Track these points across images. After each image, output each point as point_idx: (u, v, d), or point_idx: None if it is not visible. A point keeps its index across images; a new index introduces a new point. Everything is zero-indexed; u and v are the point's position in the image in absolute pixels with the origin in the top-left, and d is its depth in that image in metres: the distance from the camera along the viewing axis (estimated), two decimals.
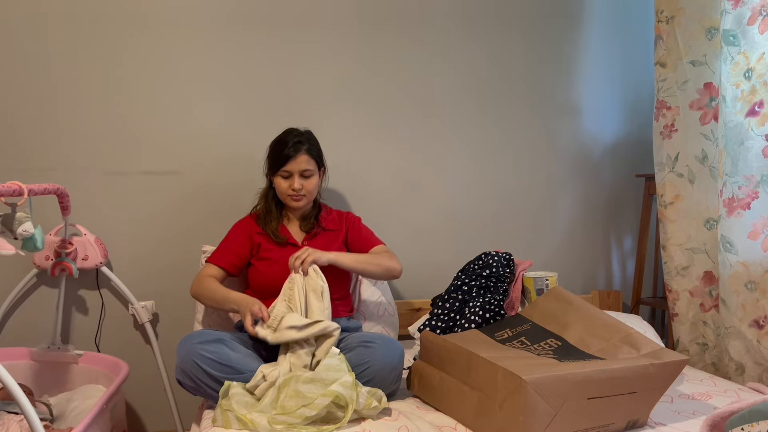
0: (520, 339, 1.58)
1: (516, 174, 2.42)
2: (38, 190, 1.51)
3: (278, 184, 1.82)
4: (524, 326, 1.64)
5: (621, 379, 1.32)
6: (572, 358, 1.40)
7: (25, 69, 1.97)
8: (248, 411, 1.37)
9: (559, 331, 1.58)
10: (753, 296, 1.85)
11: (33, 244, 1.45)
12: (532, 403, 1.23)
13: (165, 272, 2.11)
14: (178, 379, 1.50)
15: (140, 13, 2.03)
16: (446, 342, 1.52)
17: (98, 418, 1.57)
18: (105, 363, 1.96)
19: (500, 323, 1.71)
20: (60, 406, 1.85)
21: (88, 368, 1.98)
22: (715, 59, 2.00)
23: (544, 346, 1.52)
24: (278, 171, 1.80)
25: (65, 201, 1.81)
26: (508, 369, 1.26)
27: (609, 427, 1.37)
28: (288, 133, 1.85)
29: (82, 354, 1.99)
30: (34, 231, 1.44)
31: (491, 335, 1.63)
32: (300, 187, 1.79)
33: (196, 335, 1.52)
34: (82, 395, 1.88)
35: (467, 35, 2.32)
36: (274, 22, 2.13)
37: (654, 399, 1.42)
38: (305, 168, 1.80)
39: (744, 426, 1.04)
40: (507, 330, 1.65)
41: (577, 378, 1.26)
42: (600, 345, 1.48)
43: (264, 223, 1.86)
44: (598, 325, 1.55)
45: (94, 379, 1.96)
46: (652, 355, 1.41)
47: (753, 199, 1.83)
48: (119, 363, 1.91)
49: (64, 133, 2.01)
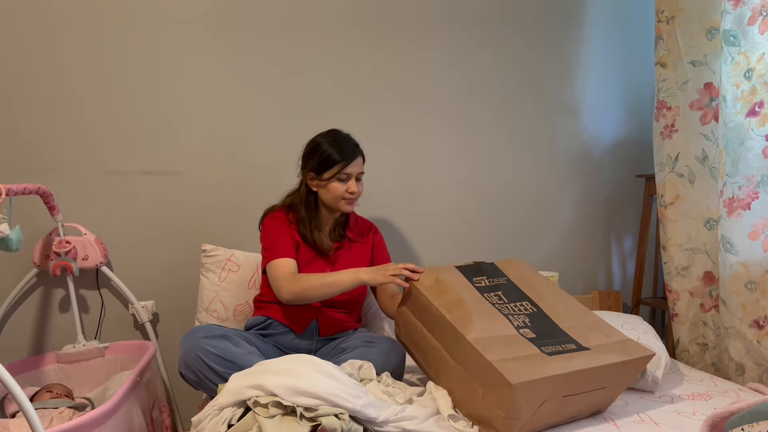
0: (497, 293, 1.58)
1: (516, 174, 2.42)
2: (18, 190, 1.49)
3: (334, 188, 1.73)
4: (500, 279, 1.64)
5: (595, 377, 1.36)
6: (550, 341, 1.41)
7: (25, 69, 1.97)
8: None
9: (534, 297, 1.59)
10: (753, 296, 1.84)
11: (6, 244, 1.42)
12: (516, 404, 1.26)
13: (165, 272, 2.11)
14: (181, 372, 1.50)
15: (141, 12, 2.02)
16: (430, 304, 1.48)
17: (134, 391, 1.63)
18: (131, 349, 1.99)
19: (477, 267, 1.68)
20: (98, 399, 1.86)
21: (116, 358, 2.00)
22: (715, 59, 2.00)
23: (520, 308, 1.54)
24: (337, 173, 1.71)
25: (50, 200, 1.82)
26: (497, 368, 1.26)
27: (575, 417, 1.44)
28: (337, 134, 1.78)
29: (107, 346, 2.00)
30: (9, 232, 1.42)
31: (470, 279, 1.61)
32: (357, 191, 1.75)
33: (200, 329, 1.52)
34: (116, 383, 1.88)
35: (467, 35, 2.32)
36: (274, 23, 2.13)
37: (620, 391, 1.48)
38: (361, 170, 1.77)
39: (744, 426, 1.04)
40: (484, 278, 1.63)
41: (558, 380, 1.28)
42: (571, 322, 1.51)
43: (308, 229, 1.77)
44: (570, 303, 1.59)
45: (125, 366, 1.97)
46: (622, 347, 1.43)
47: (753, 199, 1.83)
48: (144, 344, 1.98)
49: (64, 133, 2.01)
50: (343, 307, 1.80)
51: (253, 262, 2.00)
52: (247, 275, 1.98)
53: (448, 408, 1.38)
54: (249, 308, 1.96)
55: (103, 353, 2.00)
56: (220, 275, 1.98)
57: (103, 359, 1.99)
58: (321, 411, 1.22)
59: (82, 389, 1.94)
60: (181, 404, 2.11)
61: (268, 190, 2.00)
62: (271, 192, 1.93)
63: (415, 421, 1.31)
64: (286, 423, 1.21)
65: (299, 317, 1.74)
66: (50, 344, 2.04)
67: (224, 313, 1.95)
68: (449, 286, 1.54)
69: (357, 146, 1.77)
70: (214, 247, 2.01)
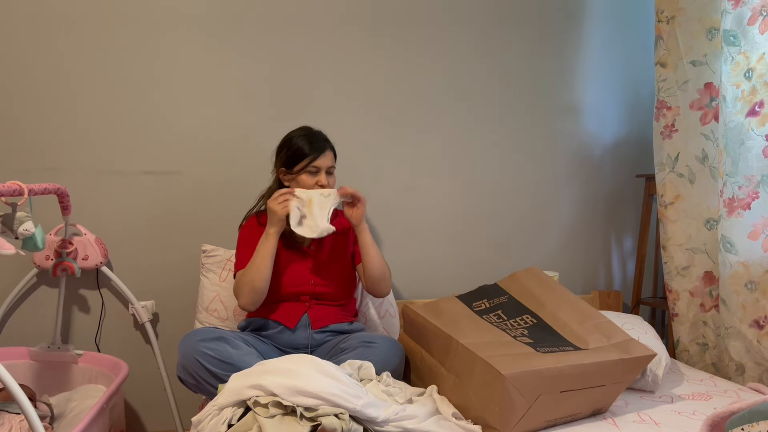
0: (496, 312, 1.59)
1: (516, 174, 2.42)
2: (38, 189, 1.51)
3: (303, 181, 1.74)
4: (502, 299, 1.66)
5: (592, 374, 1.36)
6: (547, 344, 1.42)
7: (26, 69, 1.97)
8: None
9: (535, 308, 1.60)
10: (753, 296, 1.84)
11: (33, 243, 1.45)
12: (509, 396, 1.26)
13: (165, 272, 2.11)
14: (179, 376, 1.50)
15: (142, 13, 2.03)
16: (425, 321, 1.53)
17: (97, 418, 1.57)
18: (105, 363, 1.96)
19: (479, 291, 1.71)
20: (60, 405, 1.85)
21: (88, 368, 1.98)
22: (715, 59, 2.00)
23: (520, 323, 1.55)
24: (306, 167, 1.73)
25: (65, 201, 1.81)
26: (488, 361, 1.27)
27: (576, 416, 1.43)
28: (307, 129, 1.81)
29: (82, 354, 1.99)
30: (34, 231, 1.44)
31: (469, 305, 1.63)
32: (327, 183, 1.76)
33: (198, 332, 1.52)
34: (81, 395, 1.88)
35: (467, 35, 2.32)
36: (275, 23, 2.13)
37: (620, 390, 1.48)
38: (331, 165, 1.79)
39: (744, 426, 1.04)
40: (485, 301, 1.65)
41: (552, 373, 1.29)
42: (573, 327, 1.52)
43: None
44: (573, 309, 1.59)
45: (94, 379, 1.96)
46: (621, 347, 1.44)
47: (753, 199, 1.83)
48: (119, 363, 1.91)
49: (64, 133, 2.01)
50: (330, 299, 1.79)
51: None
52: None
53: (450, 408, 1.39)
54: None
55: (77, 360, 1.98)
56: (220, 275, 1.98)
57: (75, 365, 1.98)
58: (321, 411, 1.22)
59: (47, 390, 1.93)
60: (181, 404, 2.11)
61: None
62: None
63: (415, 421, 1.31)
64: (286, 423, 1.21)
65: (290, 313, 1.75)
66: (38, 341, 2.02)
67: (224, 313, 1.95)
68: (446, 312, 1.58)
69: (327, 141, 1.80)
70: (215, 247, 2.01)
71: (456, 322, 1.51)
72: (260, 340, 1.70)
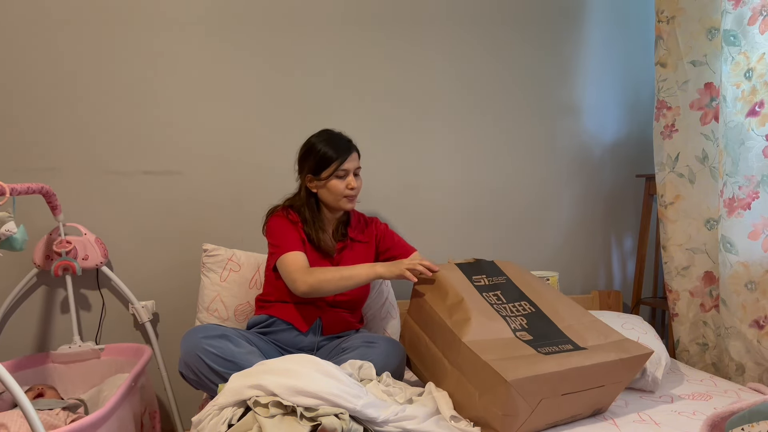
0: (495, 292, 1.59)
1: (516, 174, 2.42)
2: (21, 189, 1.48)
3: (334, 186, 1.72)
4: (500, 278, 1.66)
5: (593, 375, 1.36)
6: (547, 341, 1.42)
7: (26, 68, 1.97)
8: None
9: (532, 296, 1.60)
10: (753, 296, 1.85)
11: (11, 244, 1.42)
12: (513, 401, 1.26)
13: (165, 272, 2.11)
14: (181, 372, 1.50)
15: (141, 12, 2.03)
16: (435, 314, 1.52)
17: (128, 396, 1.62)
18: (127, 351, 1.99)
19: (477, 265, 1.70)
20: (92, 399, 1.86)
21: (111, 360, 1.99)
22: (715, 59, 2.00)
23: (519, 308, 1.55)
24: (334, 172, 1.71)
25: (53, 200, 1.81)
26: (492, 366, 1.27)
27: (576, 416, 1.44)
28: (329, 133, 1.78)
29: (103, 348, 2.00)
30: (16, 231, 1.42)
31: (469, 277, 1.63)
32: (356, 185, 1.74)
33: (200, 329, 1.52)
34: (110, 385, 1.88)
35: (468, 35, 2.32)
36: (275, 23, 2.13)
37: (619, 389, 1.48)
38: (358, 166, 1.77)
39: (744, 426, 1.04)
40: (484, 277, 1.65)
41: (555, 377, 1.29)
42: (569, 322, 1.52)
43: (313, 230, 1.77)
44: (567, 303, 1.60)
45: (120, 369, 1.97)
46: (619, 346, 1.44)
47: (753, 199, 1.83)
48: (141, 347, 1.96)
49: (64, 133, 2.01)
50: (346, 306, 1.80)
51: (254, 262, 2.00)
52: (249, 275, 1.98)
53: (449, 409, 1.39)
54: (250, 308, 1.96)
55: (99, 355, 1.99)
56: (221, 275, 1.98)
57: (98, 361, 1.99)
58: (321, 411, 1.22)
59: (76, 390, 1.93)
60: (181, 404, 2.11)
61: (269, 190, 2.00)
62: (272, 191, 1.94)
63: (415, 421, 1.31)
64: (287, 423, 1.21)
65: (304, 316, 1.74)
66: (50, 344, 2.05)
67: (225, 312, 1.95)
68: (449, 287, 1.55)
69: (350, 142, 1.78)
70: (215, 246, 2.01)
71: (460, 303, 1.49)
72: (263, 339, 1.70)
